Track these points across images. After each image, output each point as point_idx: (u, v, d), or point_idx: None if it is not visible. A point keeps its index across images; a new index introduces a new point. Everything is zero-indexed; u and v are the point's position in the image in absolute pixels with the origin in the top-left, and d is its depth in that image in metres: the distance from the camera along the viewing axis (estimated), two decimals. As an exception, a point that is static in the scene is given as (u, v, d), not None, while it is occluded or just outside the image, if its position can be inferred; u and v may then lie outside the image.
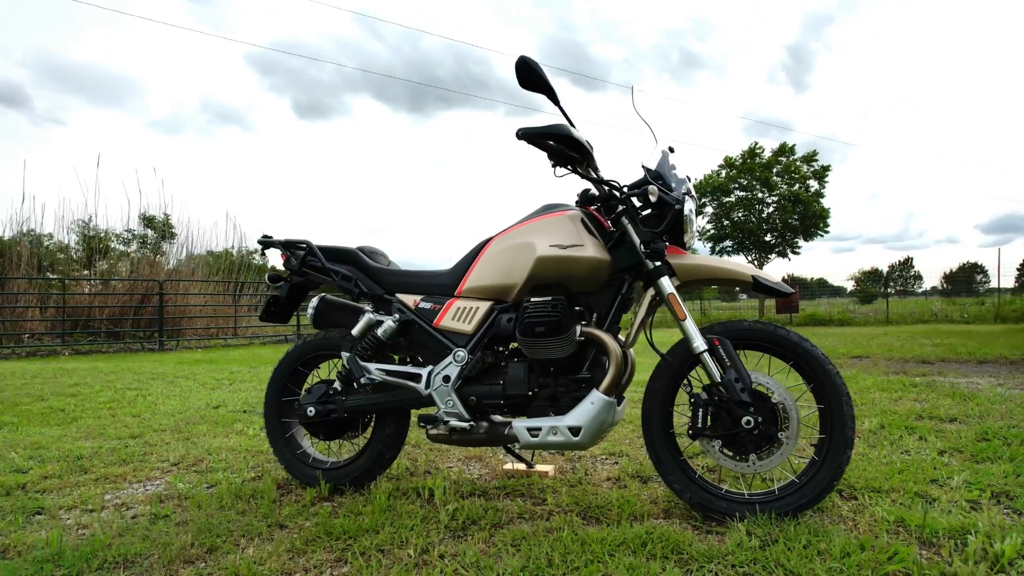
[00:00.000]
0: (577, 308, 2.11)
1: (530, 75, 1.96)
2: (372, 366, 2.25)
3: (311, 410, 2.34)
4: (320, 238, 2.50)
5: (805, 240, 26.30)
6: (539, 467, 2.61)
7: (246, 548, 1.83)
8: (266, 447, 3.05)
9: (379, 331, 2.30)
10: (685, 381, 2.07)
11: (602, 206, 2.20)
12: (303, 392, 2.44)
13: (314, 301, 2.56)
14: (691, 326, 2.01)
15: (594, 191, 2.33)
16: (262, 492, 2.32)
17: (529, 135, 2.02)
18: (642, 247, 2.04)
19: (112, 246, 16.24)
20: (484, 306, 2.22)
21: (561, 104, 2.04)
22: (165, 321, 12.87)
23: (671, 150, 2.18)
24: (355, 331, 2.35)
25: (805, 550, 1.64)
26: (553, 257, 2.03)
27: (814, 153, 25.99)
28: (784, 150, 26.14)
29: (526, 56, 1.94)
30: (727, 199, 27.17)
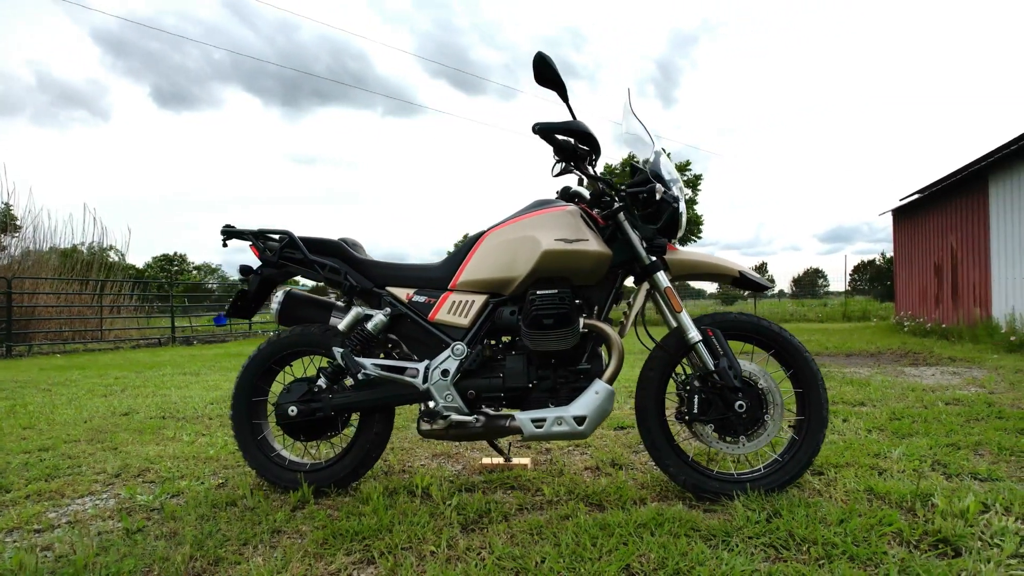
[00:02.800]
0: (577, 301, 2.16)
1: (546, 71, 1.99)
2: (367, 361, 2.17)
3: (293, 410, 2.21)
4: (189, 236, 2.37)
5: (681, 245, 28.03)
6: (516, 460, 2.64)
7: (252, 557, 1.71)
8: (215, 452, 2.84)
9: (369, 325, 2.23)
10: (680, 370, 2.20)
11: (591, 202, 2.28)
12: (282, 391, 2.29)
13: (279, 296, 2.42)
14: (686, 318, 2.13)
15: (576, 188, 2.42)
16: (239, 499, 2.17)
17: (546, 129, 2.05)
18: (643, 243, 2.13)
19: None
20: (480, 299, 2.21)
21: (570, 103, 2.09)
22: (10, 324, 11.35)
23: (664, 151, 2.30)
24: (342, 326, 2.25)
25: (807, 519, 1.81)
26: (559, 251, 2.07)
27: (688, 163, 27.86)
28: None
29: (543, 53, 1.97)
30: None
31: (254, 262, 2.37)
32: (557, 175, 2.51)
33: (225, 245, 2.40)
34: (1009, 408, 3.34)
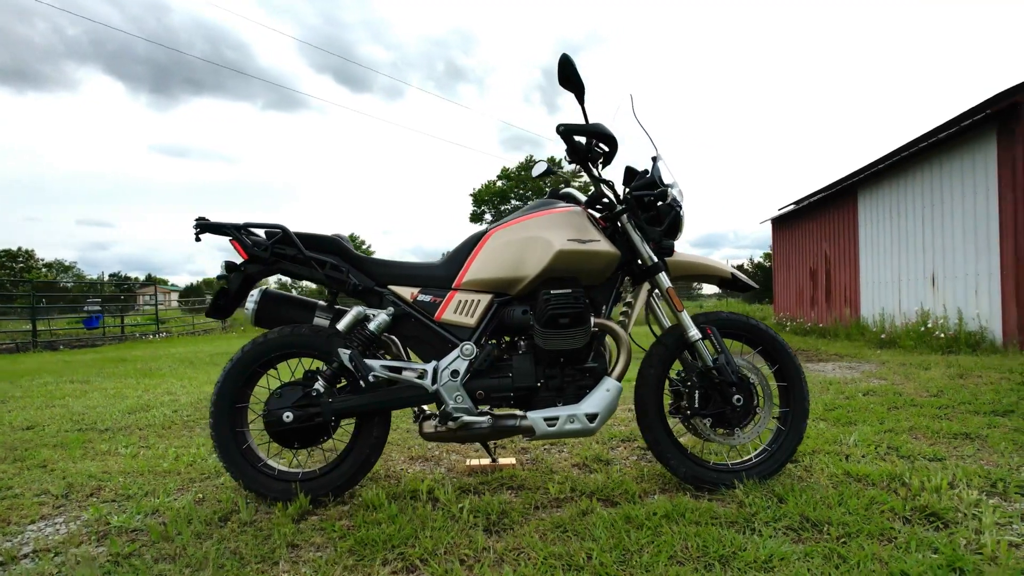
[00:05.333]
0: (586, 300, 2.20)
1: (569, 73, 2.00)
2: (376, 363, 2.08)
3: (288, 416, 2.07)
4: (33, 230, 2.20)
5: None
6: (502, 460, 2.63)
7: (279, 575, 1.59)
8: (169, 465, 2.59)
9: (371, 326, 2.14)
10: (681, 367, 2.29)
11: (588, 203, 2.33)
12: (271, 396, 2.13)
13: (255, 295, 2.26)
14: (687, 317, 2.23)
15: (568, 190, 2.46)
16: (229, 513, 2.00)
17: (571, 131, 2.06)
18: (649, 245, 2.20)
19: None
20: (486, 299, 2.19)
21: (585, 106, 2.11)
22: None
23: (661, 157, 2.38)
24: (342, 326, 2.14)
25: (811, 502, 1.95)
26: (573, 251, 2.10)
27: (578, 169, 28.91)
28: (553, 163, 28.66)
29: (568, 55, 1.98)
30: (505, 207, 28.92)
31: (236, 257, 2.19)
32: (539, 175, 2.53)
33: (198, 239, 2.21)
34: (918, 397, 3.78)
